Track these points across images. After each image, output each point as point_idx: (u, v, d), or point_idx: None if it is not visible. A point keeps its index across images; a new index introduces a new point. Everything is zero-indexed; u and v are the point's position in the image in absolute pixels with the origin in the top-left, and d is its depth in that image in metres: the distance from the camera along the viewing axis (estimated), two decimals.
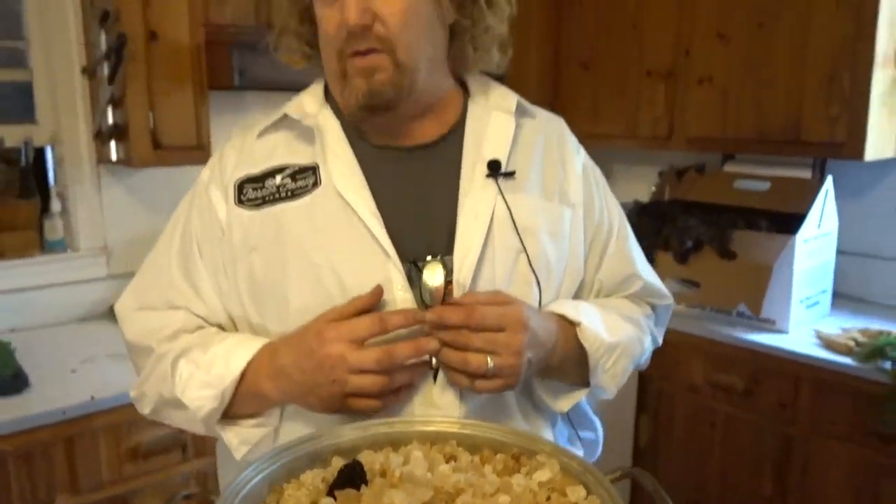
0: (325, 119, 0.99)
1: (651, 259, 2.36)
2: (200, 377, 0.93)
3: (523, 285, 0.96)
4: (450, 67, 1.02)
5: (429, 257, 0.92)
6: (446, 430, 0.85)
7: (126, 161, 2.08)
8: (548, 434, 1.02)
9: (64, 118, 2.20)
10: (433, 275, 0.90)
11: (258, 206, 0.96)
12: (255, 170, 0.98)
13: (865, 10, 2.11)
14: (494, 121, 1.01)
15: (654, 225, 2.38)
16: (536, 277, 0.96)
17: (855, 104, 2.15)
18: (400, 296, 0.90)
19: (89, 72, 2.14)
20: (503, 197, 0.96)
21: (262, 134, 1.01)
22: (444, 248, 0.93)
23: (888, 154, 2.27)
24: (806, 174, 2.41)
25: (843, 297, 2.44)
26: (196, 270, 0.99)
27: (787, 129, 2.30)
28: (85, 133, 2.20)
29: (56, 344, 2.05)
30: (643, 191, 2.86)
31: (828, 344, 2.06)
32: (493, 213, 0.94)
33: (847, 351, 2.00)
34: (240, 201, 0.97)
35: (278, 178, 0.97)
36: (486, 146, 0.99)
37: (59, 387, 1.76)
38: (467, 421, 0.87)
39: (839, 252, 2.37)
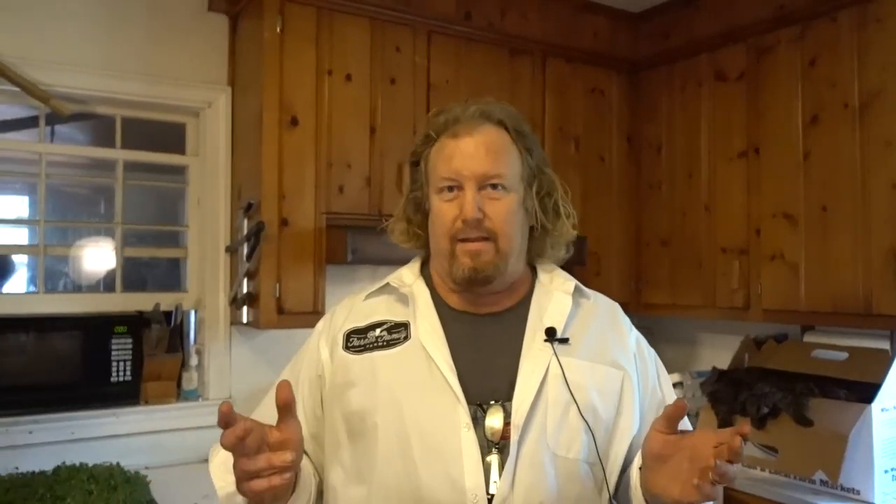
0: (418, 288, 1.27)
1: (729, 423, 2.44)
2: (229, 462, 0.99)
3: (574, 431, 1.14)
4: (526, 258, 1.30)
5: (492, 402, 1.14)
6: None
7: (254, 323, 2.39)
8: None
9: (208, 287, 2.59)
10: (495, 417, 1.12)
11: (359, 352, 1.22)
12: (361, 323, 1.25)
13: None
14: (555, 299, 1.26)
15: (731, 390, 2.47)
16: (587, 424, 1.15)
17: None
18: (464, 433, 1.11)
19: (231, 250, 2.55)
20: (557, 358, 1.17)
21: (367, 297, 1.30)
22: (504, 397, 1.14)
23: None
24: (885, 345, 2.46)
25: None
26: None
27: (859, 303, 2.37)
28: (223, 300, 2.57)
29: (182, 480, 2.25)
30: (726, 358, 2.94)
31: None
32: (547, 370, 1.16)
33: None
34: (346, 347, 1.23)
35: (377, 331, 1.23)
36: (546, 318, 1.22)
37: None
38: None
39: None
